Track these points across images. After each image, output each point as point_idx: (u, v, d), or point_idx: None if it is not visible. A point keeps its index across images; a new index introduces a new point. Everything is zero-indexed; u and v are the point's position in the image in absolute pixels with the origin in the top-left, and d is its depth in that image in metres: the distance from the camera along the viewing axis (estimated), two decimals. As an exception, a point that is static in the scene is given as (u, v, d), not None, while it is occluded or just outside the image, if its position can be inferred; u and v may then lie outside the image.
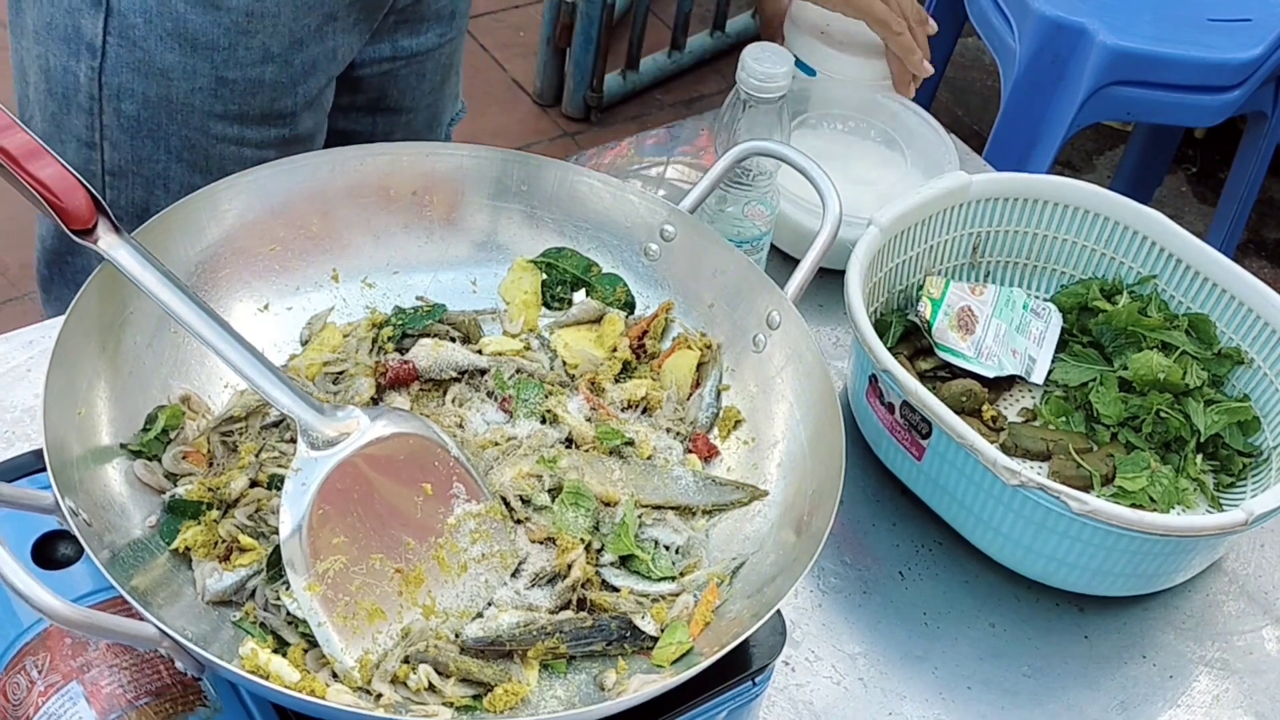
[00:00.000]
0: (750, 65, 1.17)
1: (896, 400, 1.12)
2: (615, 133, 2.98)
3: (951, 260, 1.30)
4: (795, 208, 1.32)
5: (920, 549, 1.16)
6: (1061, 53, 2.30)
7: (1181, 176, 3.19)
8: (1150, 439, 1.21)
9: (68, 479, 0.87)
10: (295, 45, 1.26)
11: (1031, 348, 1.27)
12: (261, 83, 1.26)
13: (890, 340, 1.23)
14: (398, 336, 1.08)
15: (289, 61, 1.27)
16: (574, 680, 0.92)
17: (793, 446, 1.03)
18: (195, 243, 1.03)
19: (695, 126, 1.53)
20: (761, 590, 0.93)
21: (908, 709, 1.07)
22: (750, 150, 1.11)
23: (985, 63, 3.27)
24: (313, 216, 1.08)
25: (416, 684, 0.88)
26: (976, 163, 1.53)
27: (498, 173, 1.11)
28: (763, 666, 0.93)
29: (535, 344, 1.11)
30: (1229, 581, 1.18)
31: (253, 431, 1.01)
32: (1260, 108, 2.44)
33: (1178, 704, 1.10)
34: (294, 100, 1.30)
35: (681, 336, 1.10)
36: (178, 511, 0.94)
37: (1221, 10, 2.38)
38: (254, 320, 1.07)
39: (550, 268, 1.13)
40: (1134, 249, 1.28)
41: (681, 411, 1.08)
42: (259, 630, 0.90)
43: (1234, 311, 1.23)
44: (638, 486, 1.01)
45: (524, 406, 1.04)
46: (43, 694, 0.87)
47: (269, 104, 1.28)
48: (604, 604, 0.95)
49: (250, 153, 1.31)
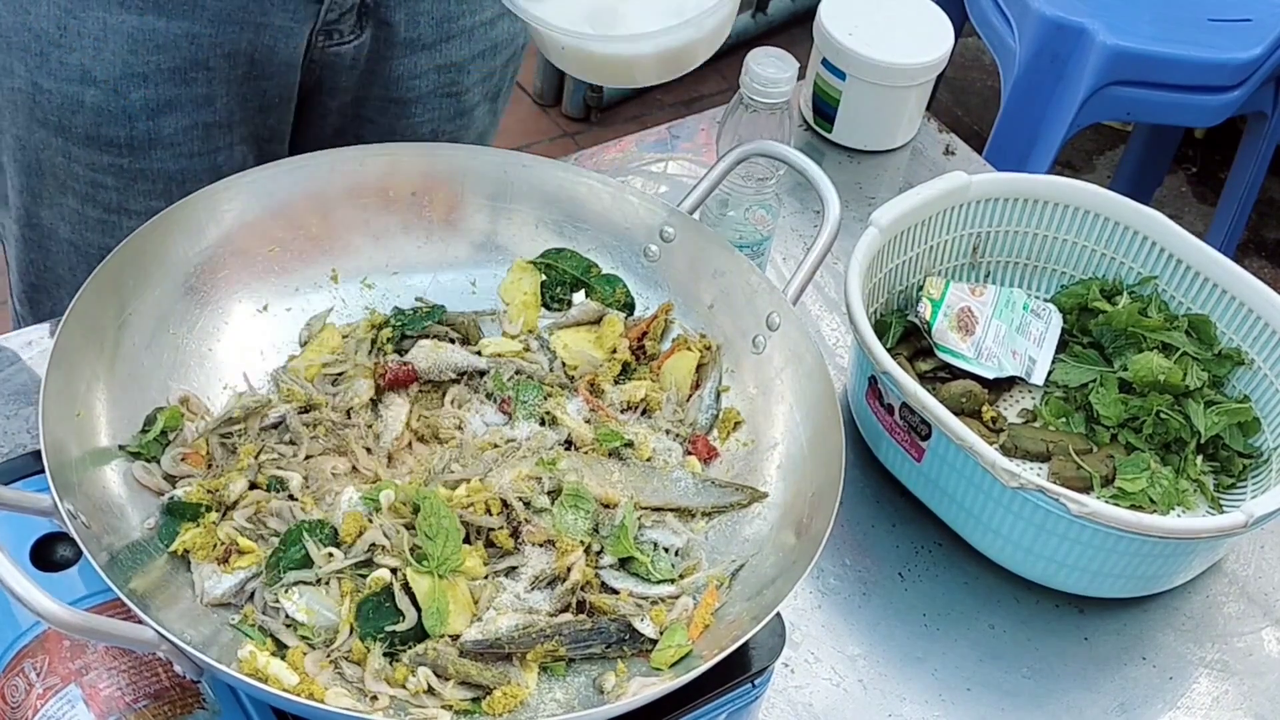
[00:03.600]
0: (753, 70, 1.17)
1: (896, 402, 1.12)
2: (615, 132, 2.98)
3: (951, 261, 1.30)
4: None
5: (920, 550, 1.16)
6: (1061, 53, 2.30)
7: (1181, 176, 3.19)
8: (1150, 440, 1.21)
9: (66, 481, 0.87)
10: (132, 80, 1.19)
11: (1031, 348, 1.26)
12: (81, 102, 1.20)
13: (890, 341, 1.22)
14: (397, 338, 1.08)
15: (119, 92, 1.19)
16: (573, 683, 0.92)
17: (792, 448, 1.02)
18: (195, 243, 1.03)
19: (695, 125, 1.53)
20: (761, 592, 0.93)
21: (907, 710, 1.06)
22: (752, 151, 1.11)
23: (985, 63, 3.27)
24: (312, 217, 1.08)
25: (415, 686, 0.88)
26: (976, 163, 1.53)
27: (497, 173, 1.11)
28: (762, 669, 0.93)
29: (534, 345, 1.10)
30: (1229, 583, 1.18)
31: (252, 433, 1.01)
32: (1260, 108, 2.44)
33: (1177, 705, 1.10)
34: (128, 132, 1.22)
35: (681, 338, 1.10)
36: (176, 513, 0.94)
37: (1221, 10, 2.38)
38: (253, 321, 1.07)
39: (550, 269, 1.13)
40: (1134, 249, 1.27)
41: (681, 413, 1.07)
42: (258, 633, 0.90)
43: (1234, 312, 1.23)
44: (637, 488, 1.01)
45: (523, 408, 1.04)
46: (41, 696, 0.87)
47: (93, 127, 1.22)
48: (603, 606, 0.94)
49: (81, 170, 1.25)
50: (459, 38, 1.32)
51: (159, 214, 1.01)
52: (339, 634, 0.90)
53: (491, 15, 1.33)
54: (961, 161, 1.52)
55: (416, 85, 1.34)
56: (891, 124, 1.50)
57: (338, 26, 1.25)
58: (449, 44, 1.32)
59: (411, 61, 1.31)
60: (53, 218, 1.29)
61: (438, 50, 1.32)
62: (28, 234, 1.33)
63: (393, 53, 1.30)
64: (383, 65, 1.31)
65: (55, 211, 1.29)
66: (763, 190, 1.22)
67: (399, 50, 1.30)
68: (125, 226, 1.27)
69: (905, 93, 1.48)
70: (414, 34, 1.29)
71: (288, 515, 0.95)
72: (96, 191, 1.26)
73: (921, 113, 1.53)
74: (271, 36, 1.22)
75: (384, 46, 1.29)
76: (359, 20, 1.26)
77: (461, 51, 1.34)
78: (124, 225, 1.28)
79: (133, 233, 0.99)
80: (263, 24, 1.20)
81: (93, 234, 1.30)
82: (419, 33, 1.29)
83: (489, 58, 1.37)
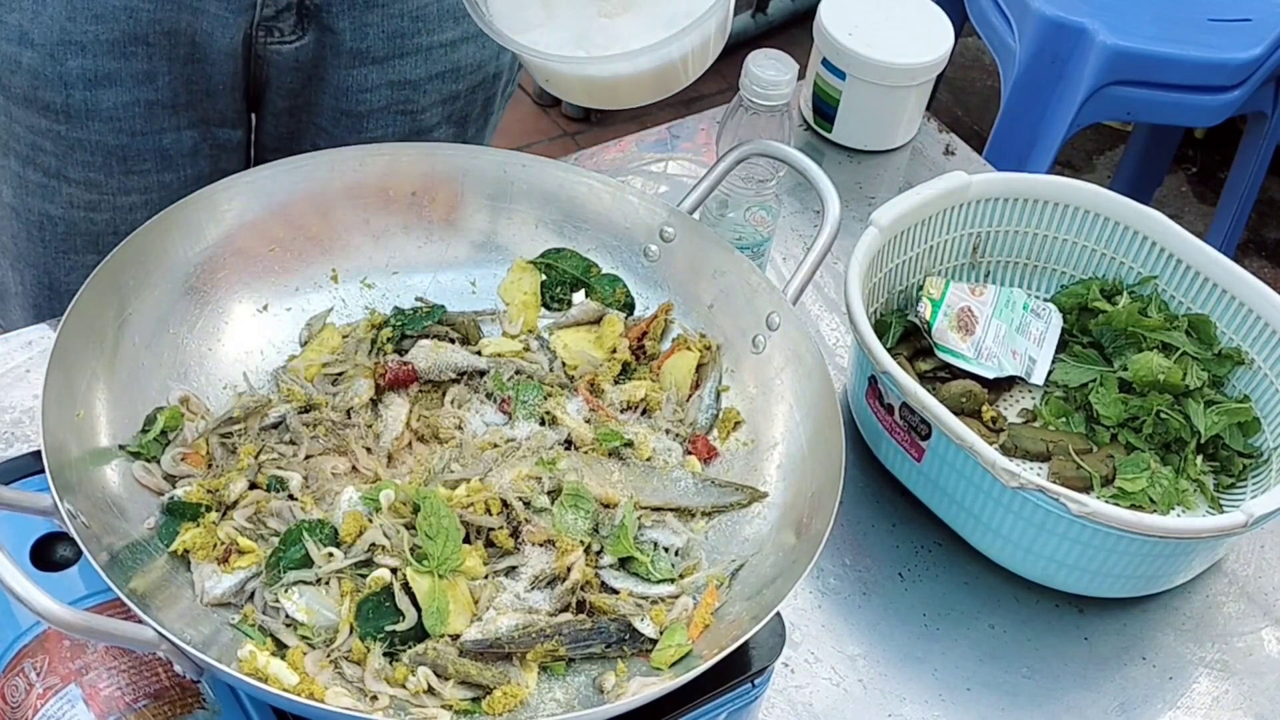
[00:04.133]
0: (753, 72, 1.17)
1: (896, 401, 1.12)
2: (615, 132, 2.97)
3: (951, 260, 1.30)
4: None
5: (920, 550, 1.16)
6: (1061, 53, 2.30)
7: (1181, 176, 3.19)
8: (1150, 440, 1.21)
9: (66, 481, 0.87)
10: (69, 47, 1.19)
11: (1031, 348, 1.26)
12: (19, 63, 1.21)
13: (890, 341, 1.22)
14: (397, 338, 1.08)
15: (55, 58, 1.20)
16: (573, 683, 0.92)
17: (792, 448, 1.02)
18: (195, 243, 1.03)
19: (695, 125, 1.53)
20: (761, 592, 0.93)
21: (907, 710, 1.06)
22: (752, 151, 1.11)
23: (985, 63, 3.27)
24: (312, 217, 1.08)
25: (415, 686, 0.88)
26: (977, 163, 1.53)
27: (497, 173, 1.11)
28: (762, 668, 0.93)
29: (534, 345, 1.11)
30: (1229, 583, 1.18)
31: (252, 433, 1.01)
32: (1260, 108, 2.44)
33: (1177, 705, 1.10)
34: (64, 99, 1.22)
35: (681, 337, 1.10)
36: (176, 513, 0.94)
37: (1221, 10, 2.38)
38: (253, 321, 1.07)
39: (549, 268, 1.13)
40: (1134, 249, 1.27)
41: (681, 413, 1.07)
42: (258, 633, 0.90)
43: (1234, 312, 1.23)
44: (637, 488, 1.01)
45: (523, 408, 1.04)
46: (41, 696, 0.87)
47: (30, 89, 1.22)
48: (603, 606, 0.94)
49: (21, 132, 1.26)
50: (414, 55, 1.31)
51: (158, 214, 1.01)
52: (339, 634, 0.90)
53: (453, 37, 1.32)
54: (961, 161, 1.52)
55: (368, 99, 1.33)
56: (891, 124, 1.50)
57: (276, 24, 1.25)
58: (402, 60, 1.31)
59: (361, 74, 1.30)
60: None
61: (390, 66, 1.31)
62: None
63: (339, 61, 1.29)
64: (330, 73, 1.30)
65: (1, 173, 1.30)
66: (763, 191, 1.22)
67: (346, 60, 1.29)
68: (64, 193, 1.29)
69: (905, 93, 1.48)
70: (362, 45, 1.28)
71: (288, 515, 0.95)
72: (36, 155, 1.27)
73: (921, 113, 1.53)
74: (209, 22, 1.22)
75: (330, 54, 1.29)
76: (300, 21, 1.25)
77: (417, 70, 1.32)
78: (63, 192, 1.29)
79: (133, 233, 0.99)
80: (199, 8, 1.20)
81: (34, 199, 1.30)
82: (367, 45, 1.28)
83: (450, 81, 1.35)
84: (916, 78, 1.46)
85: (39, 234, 1.32)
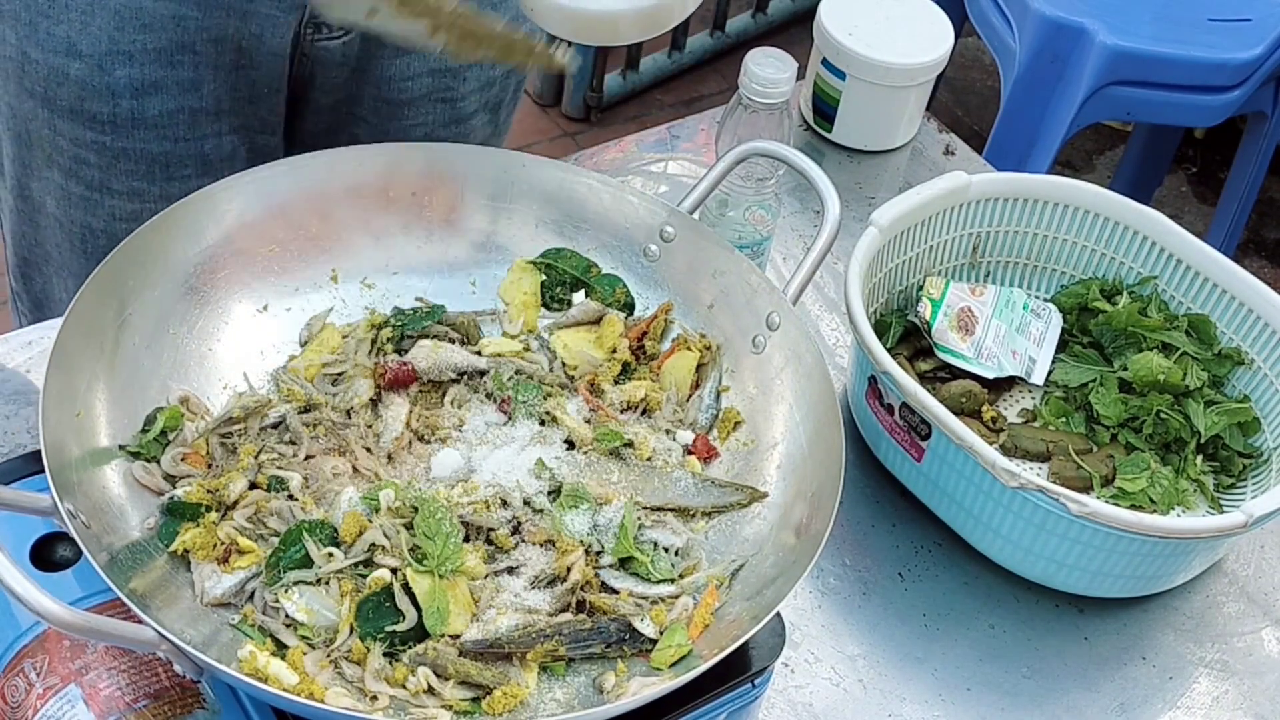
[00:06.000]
0: (753, 71, 1.17)
1: (896, 401, 1.12)
2: (615, 132, 2.98)
3: (951, 260, 1.30)
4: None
5: (920, 550, 1.16)
6: (1061, 53, 2.30)
7: (1181, 176, 3.19)
8: (1150, 440, 1.21)
9: (66, 481, 0.87)
10: (117, 57, 1.19)
11: (1031, 348, 1.26)
12: (66, 75, 1.21)
13: (890, 341, 1.22)
14: (397, 338, 1.08)
15: (104, 68, 1.20)
16: (573, 683, 0.92)
17: (792, 448, 1.02)
18: (194, 244, 1.03)
19: (695, 125, 1.53)
20: (761, 592, 0.93)
21: (907, 710, 1.06)
22: (752, 151, 1.11)
23: (985, 63, 3.27)
24: (312, 217, 1.08)
25: (415, 686, 0.88)
26: (977, 163, 1.53)
27: (497, 173, 1.11)
28: (762, 668, 0.93)
29: (534, 345, 1.11)
30: (1229, 583, 1.18)
31: (252, 433, 1.01)
32: (1260, 108, 2.44)
33: (1177, 705, 1.10)
34: (111, 109, 1.22)
35: (681, 337, 1.10)
36: (176, 513, 0.94)
37: (1221, 10, 2.37)
38: (253, 321, 1.07)
39: (549, 268, 1.13)
40: (1134, 249, 1.27)
41: (681, 413, 1.07)
42: (258, 633, 0.90)
43: (1234, 312, 1.23)
44: (637, 488, 1.01)
45: (523, 408, 1.04)
46: (41, 696, 0.87)
47: (77, 101, 1.22)
48: (603, 606, 0.94)
49: (66, 145, 1.25)
50: None
51: (159, 214, 1.01)
52: (339, 634, 0.90)
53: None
54: (961, 161, 1.52)
55: (409, 87, 1.33)
56: (891, 124, 1.50)
57: (326, 21, 1.25)
58: None
59: (404, 63, 1.31)
60: (41, 191, 1.30)
61: (432, 54, 1.31)
62: (20, 205, 1.34)
63: (383, 52, 1.30)
64: (374, 64, 1.31)
65: (43, 185, 1.30)
66: (762, 190, 1.22)
67: (390, 50, 1.30)
68: (107, 206, 1.28)
69: (905, 93, 1.48)
70: None
71: (288, 515, 0.95)
72: (80, 168, 1.27)
73: (921, 113, 1.53)
74: (259, 25, 1.22)
75: (375, 45, 1.29)
76: None
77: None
78: (105, 204, 1.28)
79: (133, 232, 0.99)
80: (249, 11, 1.20)
81: (76, 211, 1.30)
82: None
83: (487, 66, 1.36)
84: (916, 78, 1.46)
85: (81, 245, 1.33)
